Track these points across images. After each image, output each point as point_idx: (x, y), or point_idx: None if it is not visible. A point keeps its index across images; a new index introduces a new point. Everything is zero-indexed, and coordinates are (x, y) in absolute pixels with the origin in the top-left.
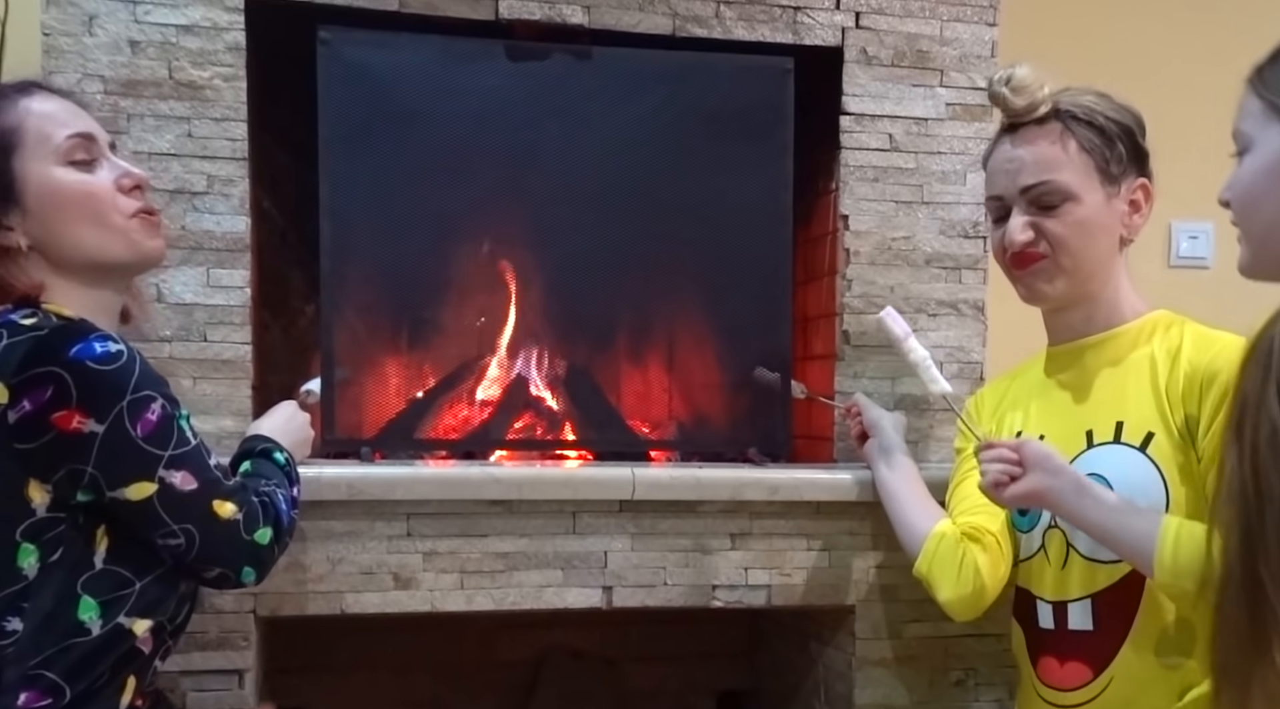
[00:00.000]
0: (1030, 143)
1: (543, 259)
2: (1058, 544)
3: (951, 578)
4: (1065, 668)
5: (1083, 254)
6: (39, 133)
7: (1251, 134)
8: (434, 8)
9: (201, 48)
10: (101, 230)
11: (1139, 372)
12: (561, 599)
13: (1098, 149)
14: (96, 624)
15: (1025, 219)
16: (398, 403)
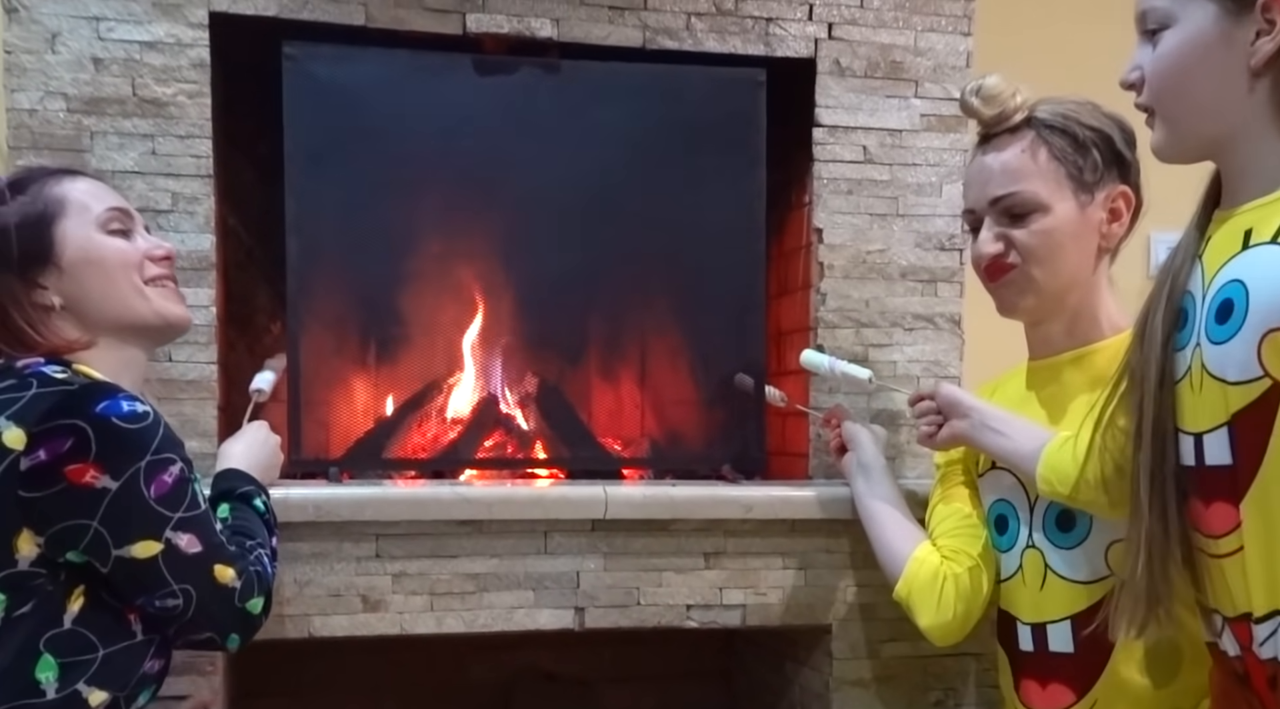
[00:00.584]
0: (1000, 152)
1: (513, 275)
2: (1035, 565)
3: (931, 605)
4: (1047, 691)
5: (1053, 265)
6: (81, 203)
7: (1171, 9)
8: (401, 22)
9: (165, 64)
10: (130, 292)
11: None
12: (533, 620)
13: (1070, 157)
14: (52, 687)
15: (995, 230)
16: (365, 422)
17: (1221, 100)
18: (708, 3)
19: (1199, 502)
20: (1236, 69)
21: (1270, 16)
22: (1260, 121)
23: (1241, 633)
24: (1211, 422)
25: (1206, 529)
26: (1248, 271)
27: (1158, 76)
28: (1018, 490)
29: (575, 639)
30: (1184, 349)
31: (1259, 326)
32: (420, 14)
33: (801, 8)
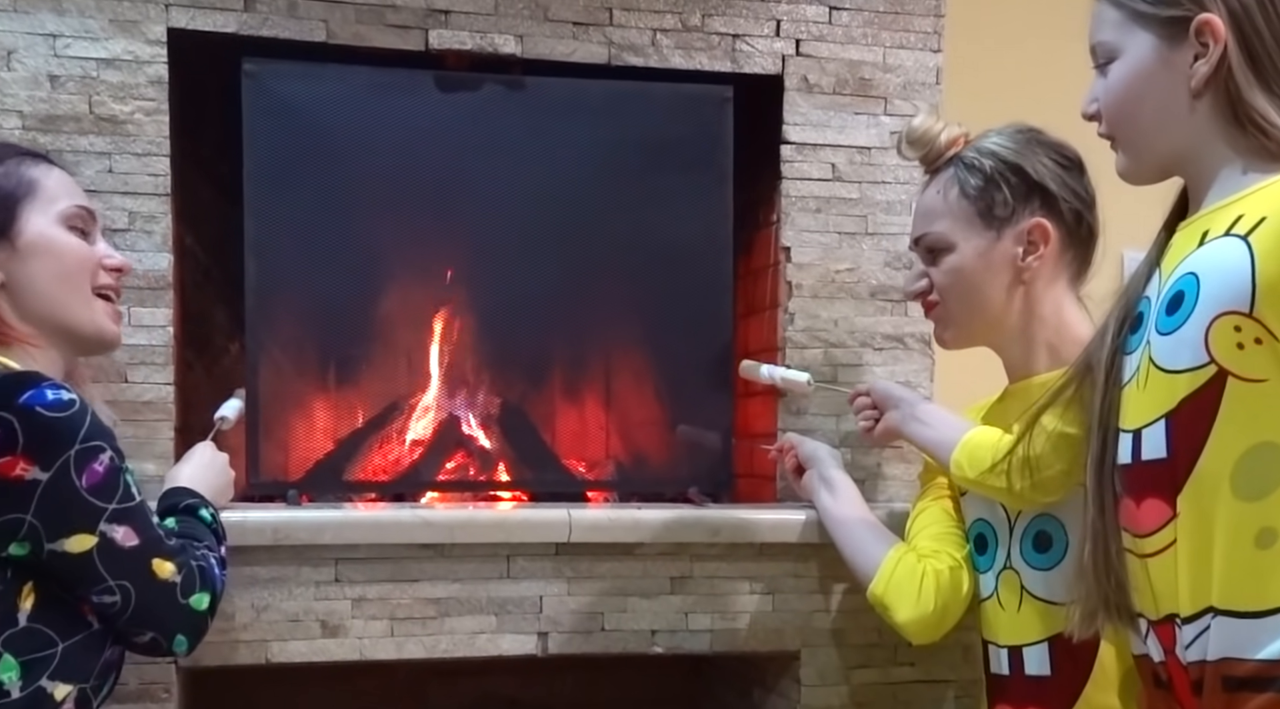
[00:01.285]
0: (926, 192)
1: (476, 294)
2: (1012, 586)
3: (911, 597)
4: None
5: (966, 301)
6: (51, 193)
7: (1116, 42)
8: (362, 39)
9: (123, 81)
10: (76, 295)
11: None
12: (495, 646)
13: (977, 193)
14: (16, 685)
15: (919, 269)
16: (325, 443)
17: (1170, 122)
18: (673, 19)
19: (1130, 500)
20: (1179, 92)
21: (1204, 40)
22: (1208, 137)
23: (1165, 636)
24: (1152, 414)
25: (1136, 527)
26: (1200, 263)
27: (1110, 106)
28: (996, 510)
29: (538, 665)
30: (1134, 352)
31: (1208, 312)
32: (382, 30)
33: (769, 24)
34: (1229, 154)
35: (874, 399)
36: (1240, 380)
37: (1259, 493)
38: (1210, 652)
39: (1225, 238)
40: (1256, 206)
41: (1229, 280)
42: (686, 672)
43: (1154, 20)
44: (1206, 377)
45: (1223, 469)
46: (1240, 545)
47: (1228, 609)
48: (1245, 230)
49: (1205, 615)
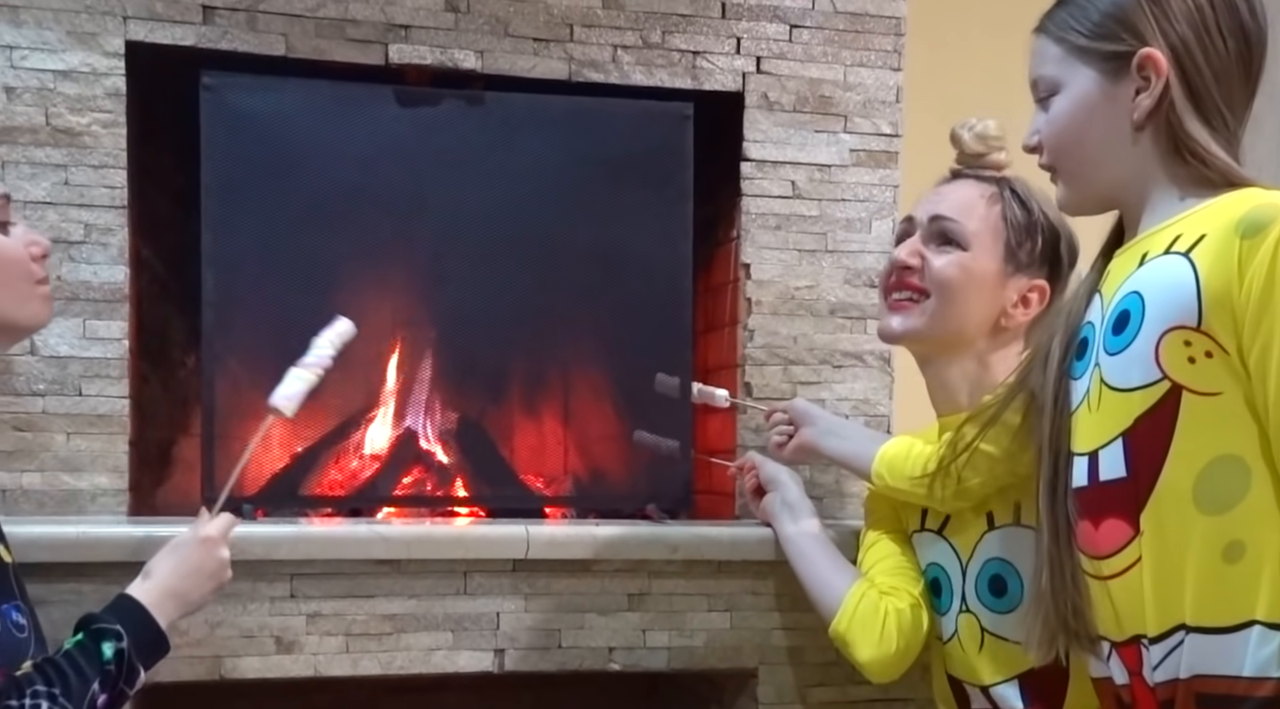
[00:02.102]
0: (963, 186)
1: (434, 309)
2: (971, 628)
3: (874, 637)
4: None
5: (953, 303)
6: None
7: (1058, 77)
8: (322, 53)
9: (80, 93)
10: (9, 293)
11: None
12: (452, 663)
13: (1016, 227)
14: None
15: (916, 246)
16: (281, 458)
17: (1112, 153)
18: (634, 35)
19: (1088, 523)
20: (1121, 124)
21: (1145, 74)
22: (1149, 167)
23: (1130, 658)
24: (1108, 435)
25: (1095, 550)
26: (1144, 282)
27: (1052, 138)
28: (949, 554)
29: (495, 682)
30: (1081, 377)
31: (1156, 329)
32: (342, 44)
33: (729, 41)
34: (1167, 183)
35: (791, 416)
36: (1195, 394)
37: (1223, 506)
38: (1183, 670)
39: (1166, 256)
40: (1195, 226)
41: (1174, 296)
42: (644, 689)
43: (1096, 55)
44: (1161, 392)
45: (1185, 484)
46: (1208, 561)
47: (1199, 626)
48: (1185, 247)
49: (1176, 633)
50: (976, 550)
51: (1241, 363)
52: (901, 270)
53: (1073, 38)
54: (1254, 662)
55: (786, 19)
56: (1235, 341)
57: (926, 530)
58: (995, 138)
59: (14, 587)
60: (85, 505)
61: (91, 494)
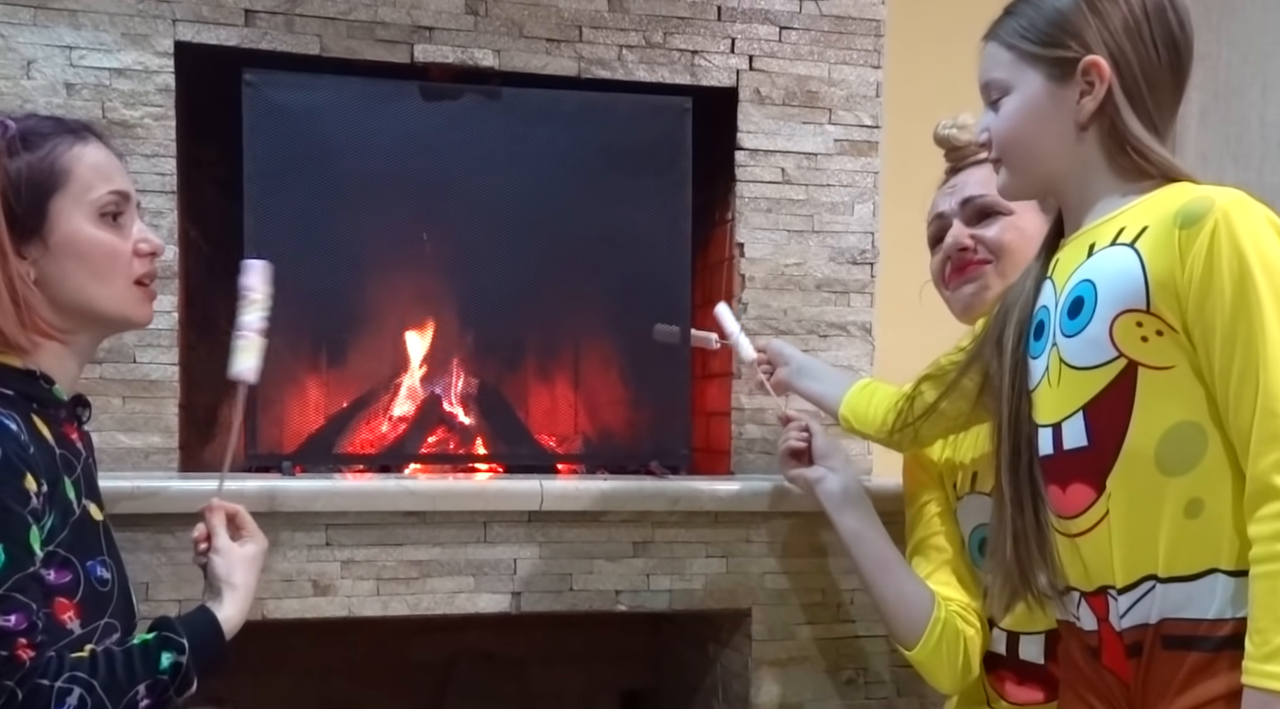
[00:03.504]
0: (970, 171)
1: (455, 285)
2: None
3: (954, 670)
4: (1023, 688)
5: (1017, 260)
6: (84, 182)
7: (1008, 79)
8: (353, 52)
9: (133, 89)
10: (108, 287)
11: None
12: (473, 605)
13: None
14: None
15: (966, 229)
16: (317, 419)
17: (1056, 150)
18: (638, 36)
19: (1056, 487)
20: (1066, 124)
21: (1089, 79)
22: (1092, 164)
23: (1099, 605)
24: (1069, 408)
25: (1063, 510)
26: (1095, 270)
27: (1002, 134)
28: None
29: (512, 622)
30: (1040, 356)
31: (1109, 312)
32: (371, 44)
33: (724, 41)
34: (1109, 177)
35: (769, 355)
36: (1150, 369)
37: (1184, 467)
38: (1153, 615)
39: (1113, 247)
40: (1137, 218)
41: (1124, 282)
42: (648, 628)
43: (1043, 60)
44: (1118, 369)
45: (1147, 449)
46: (1173, 517)
47: (1169, 576)
48: (1130, 238)
49: (1144, 584)
50: None
51: (1188, 338)
52: (959, 254)
53: (1022, 44)
54: (1216, 605)
55: (776, 21)
56: (1181, 320)
57: (977, 492)
58: (974, 123)
59: (101, 543)
60: (139, 462)
61: (145, 452)
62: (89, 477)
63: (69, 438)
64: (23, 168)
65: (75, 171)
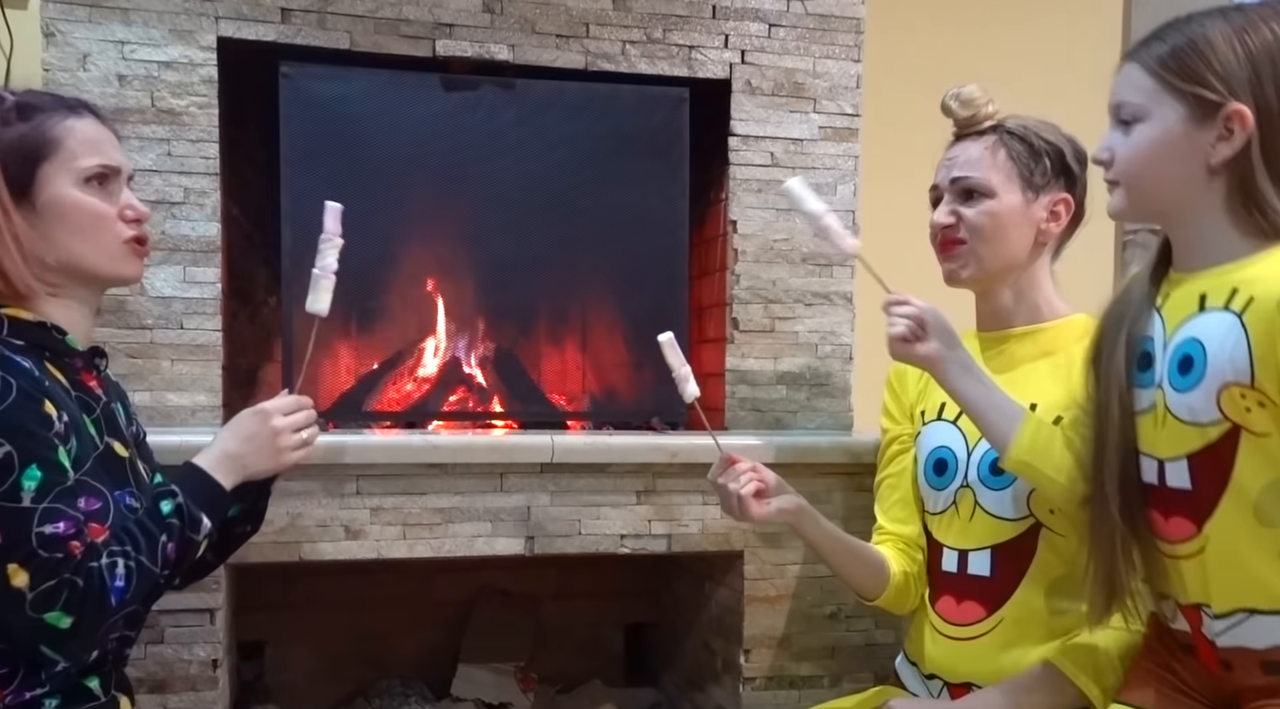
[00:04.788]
0: (967, 144)
1: (473, 258)
2: (967, 501)
3: (907, 603)
4: (961, 606)
5: (994, 244)
6: (71, 152)
7: (1145, 106)
8: (380, 46)
9: (179, 80)
10: (93, 244)
11: (1057, 370)
12: (490, 547)
13: (1023, 159)
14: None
15: (949, 207)
16: (348, 380)
17: (1179, 187)
18: (640, 32)
19: (1158, 513)
20: (1195, 164)
21: (1230, 126)
22: (1212, 208)
23: (1193, 617)
24: (1173, 452)
25: (1165, 536)
26: (1204, 332)
27: (1130, 161)
28: (959, 439)
29: (526, 563)
30: (1149, 387)
31: (1216, 381)
32: (397, 40)
33: (719, 37)
34: (1226, 225)
35: (925, 319)
36: (1251, 434)
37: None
38: (1248, 641)
39: (1224, 313)
40: (1249, 282)
41: (1231, 357)
42: (649, 568)
43: (1186, 96)
44: (1223, 430)
45: (1246, 502)
46: (1271, 562)
47: (1265, 609)
48: (1240, 307)
49: (1239, 614)
50: (982, 439)
51: None
52: (943, 230)
53: (1167, 75)
54: None
55: (766, 19)
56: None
57: (943, 420)
58: (977, 97)
59: (129, 476)
60: (186, 419)
61: (191, 409)
62: (109, 417)
63: (86, 384)
64: (15, 137)
65: (65, 142)
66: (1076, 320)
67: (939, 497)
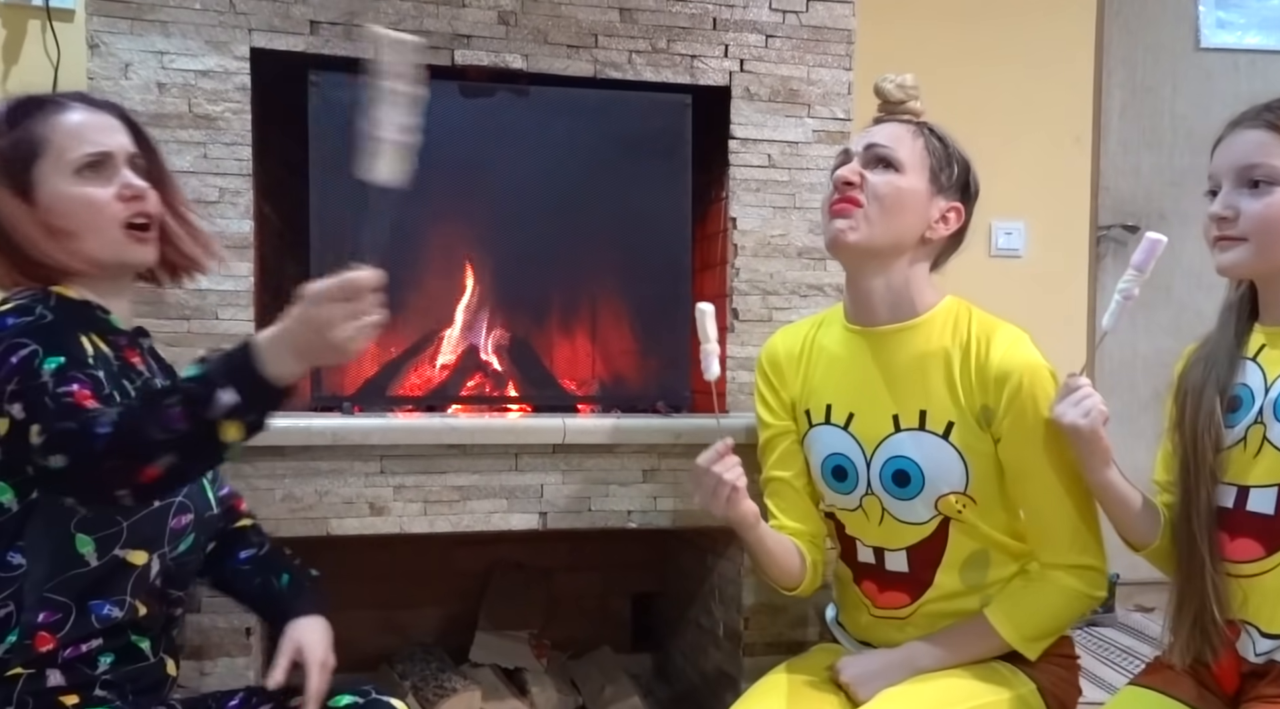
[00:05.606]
0: (889, 126)
1: (490, 253)
2: (874, 507)
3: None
4: (885, 594)
5: (889, 215)
6: (59, 147)
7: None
8: None
9: (215, 88)
10: (96, 237)
11: (937, 365)
12: (506, 522)
13: (938, 155)
14: (94, 556)
15: (856, 168)
16: (372, 366)
17: None
18: (645, 43)
19: (1225, 534)
20: None
21: None
22: None
23: (1232, 631)
24: (1264, 480)
25: (1228, 556)
26: None
27: (1264, 221)
28: (854, 447)
29: (539, 537)
30: (1236, 426)
31: None
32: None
33: (719, 47)
34: None
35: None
36: None
37: None
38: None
39: None
40: None
41: None
42: (655, 541)
43: None
44: None
45: None
46: None
47: None
48: None
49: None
50: (880, 447)
51: None
52: (844, 186)
53: None
54: None
55: (763, 30)
56: None
57: (831, 424)
58: (913, 87)
59: None
60: None
61: None
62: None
63: (129, 360)
64: (7, 145)
65: (52, 138)
66: (942, 309)
67: (844, 498)
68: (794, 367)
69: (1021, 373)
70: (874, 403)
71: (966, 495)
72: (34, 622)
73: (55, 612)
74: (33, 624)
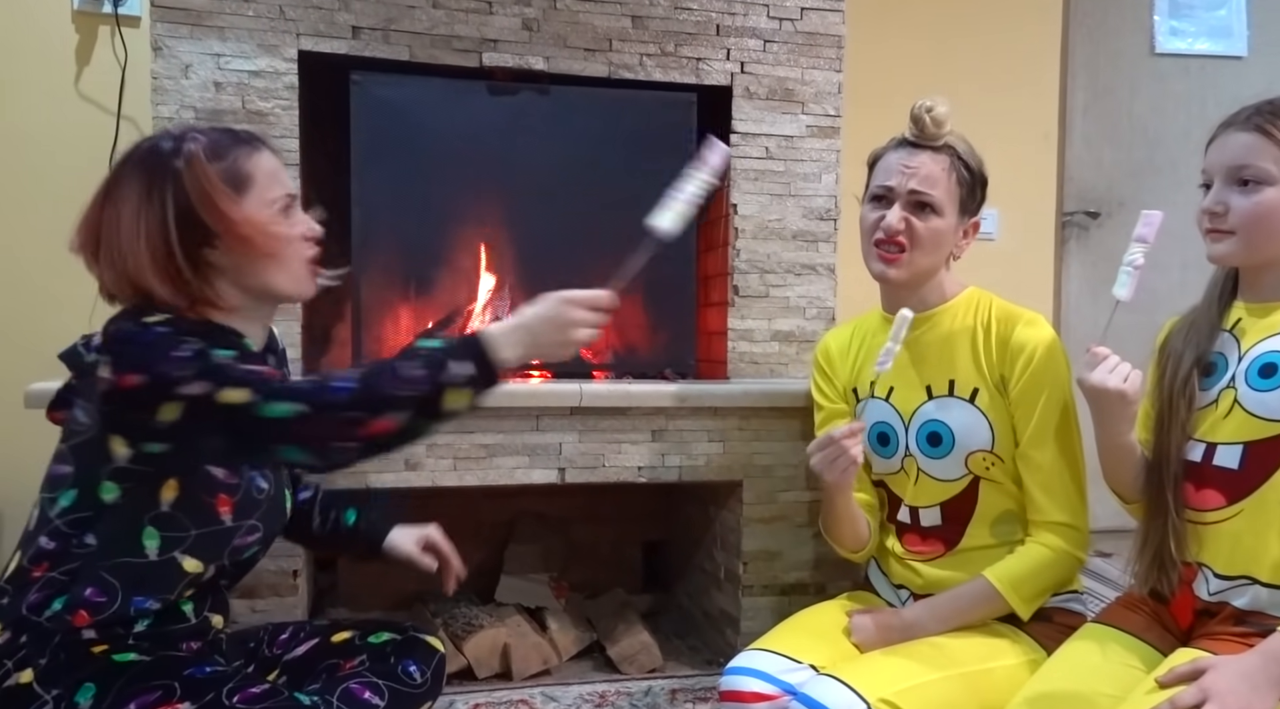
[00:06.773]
0: (926, 159)
1: (513, 235)
2: (912, 467)
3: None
4: (925, 542)
5: (930, 255)
6: (262, 185)
7: (1274, 172)
8: (435, 58)
9: (266, 87)
10: (286, 271)
11: (963, 341)
12: (528, 477)
13: (966, 185)
14: (155, 551)
15: (903, 214)
16: (408, 337)
17: None
18: (655, 47)
19: (1190, 485)
20: None
21: None
22: None
23: (1188, 573)
24: (1232, 438)
25: (1193, 505)
26: None
27: (1253, 218)
28: (894, 415)
29: (558, 490)
30: (1211, 389)
31: None
32: (449, 52)
33: (722, 50)
34: None
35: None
36: None
37: None
38: (1243, 603)
39: None
40: None
41: None
42: (663, 495)
43: None
44: None
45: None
46: None
47: (1266, 582)
48: None
49: (1241, 580)
50: (916, 413)
51: None
52: (892, 233)
53: None
54: None
55: (762, 36)
56: None
57: (876, 398)
58: (947, 120)
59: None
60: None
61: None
62: None
63: None
64: (221, 172)
65: (256, 177)
66: (964, 296)
67: (887, 463)
68: (844, 357)
69: (1037, 344)
70: (910, 377)
71: (994, 454)
72: (81, 596)
73: (102, 593)
74: (79, 598)
